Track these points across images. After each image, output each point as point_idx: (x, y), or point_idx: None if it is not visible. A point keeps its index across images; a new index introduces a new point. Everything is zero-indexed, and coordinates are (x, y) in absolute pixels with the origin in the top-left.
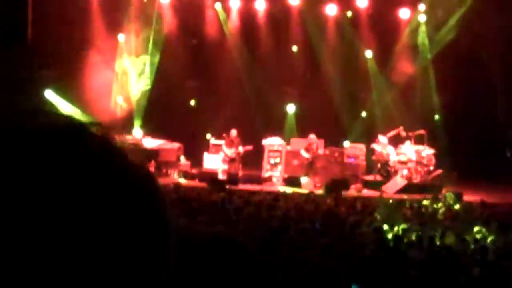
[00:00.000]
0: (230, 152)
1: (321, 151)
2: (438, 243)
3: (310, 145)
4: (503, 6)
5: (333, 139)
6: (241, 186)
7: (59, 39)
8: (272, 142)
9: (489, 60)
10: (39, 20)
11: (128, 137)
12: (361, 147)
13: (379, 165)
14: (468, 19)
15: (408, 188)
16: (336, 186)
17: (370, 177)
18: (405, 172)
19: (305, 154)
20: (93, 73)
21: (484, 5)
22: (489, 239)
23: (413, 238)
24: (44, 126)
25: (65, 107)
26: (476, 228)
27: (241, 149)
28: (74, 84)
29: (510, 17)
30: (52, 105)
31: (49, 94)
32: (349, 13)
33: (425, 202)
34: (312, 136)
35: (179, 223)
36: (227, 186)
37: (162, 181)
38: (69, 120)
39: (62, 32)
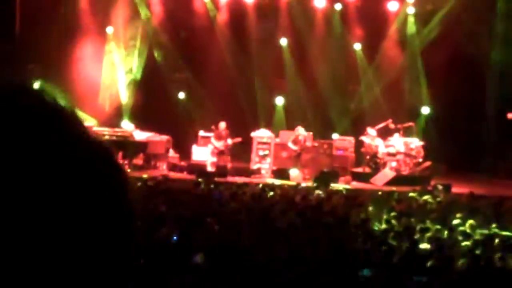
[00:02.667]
0: (219, 144)
1: (309, 143)
2: (427, 234)
3: (297, 137)
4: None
5: (322, 132)
6: (230, 178)
7: (47, 32)
8: (261, 134)
9: (478, 52)
10: (26, 14)
11: (117, 129)
12: (350, 139)
13: (368, 157)
14: (457, 12)
15: (397, 180)
16: (325, 178)
17: (359, 169)
18: (394, 164)
19: (292, 146)
20: (82, 66)
21: None
22: (477, 231)
23: (401, 229)
24: None
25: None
26: (457, 221)
27: (229, 141)
28: (62, 77)
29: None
30: None
31: (36, 87)
32: (338, 6)
33: (411, 194)
34: (300, 128)
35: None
36: (216, 179)
37: (151, 173)
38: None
39: (50, 26)
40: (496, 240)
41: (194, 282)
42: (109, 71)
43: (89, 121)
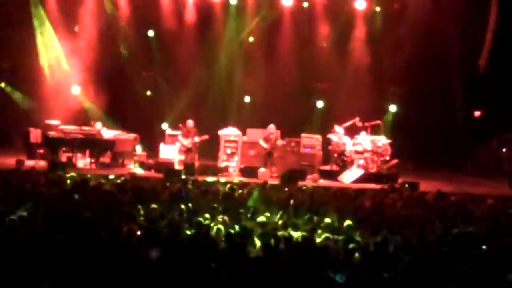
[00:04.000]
0: (187, 142)
1: (279, 142)
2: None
3: (269, 135)
4: None
5: (289, 130)
6: (198, 176)
7: (14, 32)
8: (228, 132)
9: (444, 49)
10: None
11: (84, 128)
12: (317, 137)
13: (335, 155)
14: (425, 10)
15: (364, 178)
16: (292, 176)
17: (326, 167)
18: (361, 162)
19: (263, 144)
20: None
21: None
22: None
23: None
24: None
25: (20, 99)
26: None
27: (197, 139)
28: (30, 76)
29: (462, 6)
30: (8, 97)
31: (5, 87)
32: (305, 4)
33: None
34: (272, 127)
35: None
36: (183, 176)
37: (118, 171)
38: None
39: (18, 25)
40: None
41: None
42: (76, 68)
43: (55, 120)
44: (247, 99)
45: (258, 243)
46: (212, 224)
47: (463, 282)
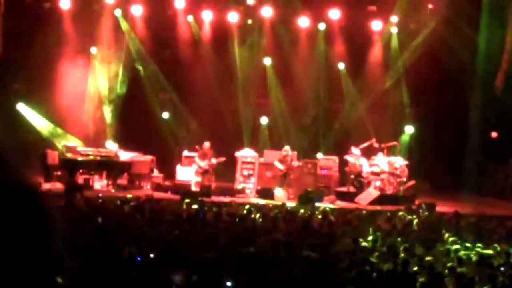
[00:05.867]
0: (203, 164)
1: (295, 163)
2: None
3: (285, 157)
4: (473, 18)
5: (306, 151)
6: (214, 198)
7: (31, 52)
8: (245, 154)
9: (462, 72)
10: (10, 34)
11: (101, 150)
12: (334, 158)
13: (352, 177)
14: (440, 31)
15: (381, 199)
16: (309, 197)
17: (343, 189)
18: (378, 183)
19: (279, 166)
20: (66, 86)
21: (455, 17)
22: (462, 251)
23: (385, 249)
24: None
25: (37, 120)
26: (450, 239)
27: (214, 160)
28: (47, 98)
29: (478, 26)
30: (24, 118)
31: (22, 108)
32: (322, 25)
33: (400, 213)
34: (287, 148)
35: None
36: (200, 198)
37: (135, 193)
38: None
39: (34, 46)
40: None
41: None
42: (93, 91)
43: (73, 142)
44: (264, 120)
45: None
46: None
47: None
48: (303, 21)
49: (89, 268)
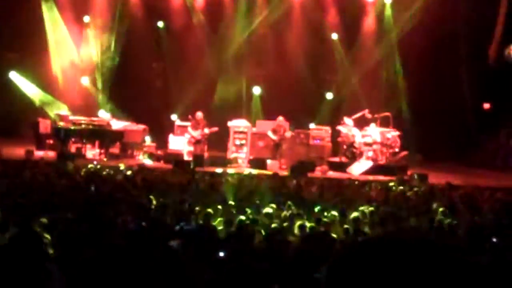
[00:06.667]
0: (196, 133)
1: (288, 133)
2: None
3: (278, 127)
4: None
5: (299, 121)
6: (207, 168)
7: (25, 22)
8: (237, 123)
9: (454, 41)
10: (2, 4)
11: (94, 119)
12: (327, 129)
13: (344, 147)
14: (433, 2)
15: (373, 169)
16: (301, 168)
17: (335, 159)
18: (370, 154)
19: (272, 136)
20: (59, 55)
21: None
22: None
23: (377, 219)
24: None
25: (30, 89)
26: (440, 209)
27: (206, 130)
28: (38, 65)
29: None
30: (17, 87)
31: (13, 76)
32: None
33: (392, 183)
34: (281, 119)
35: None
36: (192, 168)
37: (127, 162)
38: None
39: (25, 14)
40: None
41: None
42: (86, 59)
43: (65, 110)
44: (256, 90)
45: (261, 233)
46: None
47: (476, 274)
48: None
49: (82, 237)
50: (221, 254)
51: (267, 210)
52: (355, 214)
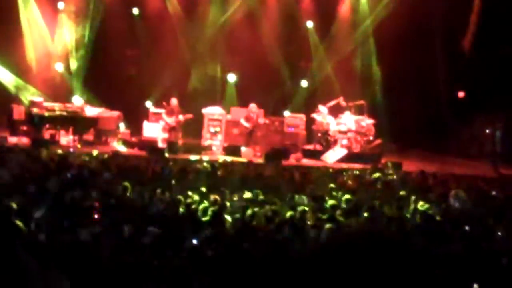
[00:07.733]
0: (171, 120)
1: (261, 120)
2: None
3: (250, 114)
4: None
5: (273, 109)
6: (181, 155)
7: None
8: (212, 111)
9: (429, 30)
10: None
11: (68, 105)
12: (301, 116)
13: (319, 135)
14: None
15: (348, 157)
16: (275, 155)
17: (310, 147)
18: (344, 141)
19: (245, 123)
20: (32, 40)
21: None
22: (427, 208)
23: (350, 207)
24: None
25: (3, 74)
26: (413, 197)
27: (181, 117)
28: (12, 52)
29: None
30: None
31: None
32: None
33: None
34: (253, 105)
35: None
36: (167, 155)
37: (101, 149)
38: None
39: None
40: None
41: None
42: (60, 45)
43: (39, 96)
44: (231, 77)
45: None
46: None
47: (450, 262)
48: None
49: (57, 223)
50: (194, 241)
51: (240, 197)
52: (330, 202)
